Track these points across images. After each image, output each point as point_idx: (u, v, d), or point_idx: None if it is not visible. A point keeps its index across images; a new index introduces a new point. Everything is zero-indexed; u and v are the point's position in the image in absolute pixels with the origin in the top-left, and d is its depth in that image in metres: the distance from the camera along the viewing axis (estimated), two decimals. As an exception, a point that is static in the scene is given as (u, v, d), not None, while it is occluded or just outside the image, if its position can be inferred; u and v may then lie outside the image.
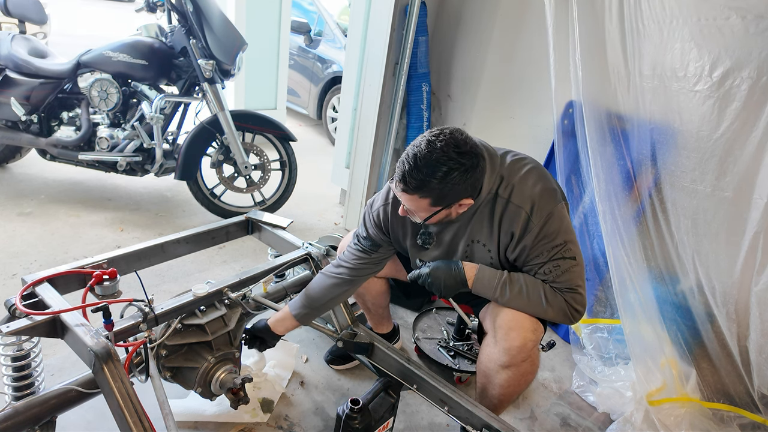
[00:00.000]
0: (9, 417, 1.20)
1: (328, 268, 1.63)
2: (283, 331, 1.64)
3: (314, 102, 5.29)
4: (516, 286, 1.37)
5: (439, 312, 2.36)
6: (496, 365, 1.45)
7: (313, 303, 1.60)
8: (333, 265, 1.63)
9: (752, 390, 1.75)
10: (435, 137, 1.24)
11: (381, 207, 1.55)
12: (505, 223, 1.36)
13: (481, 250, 1.45)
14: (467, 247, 1.47)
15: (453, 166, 1.22)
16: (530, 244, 1.34)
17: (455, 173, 1.23)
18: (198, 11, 2.61)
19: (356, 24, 3.06)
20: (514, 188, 1.35)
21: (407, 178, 1.25)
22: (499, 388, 1.49)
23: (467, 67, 2.85)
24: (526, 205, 1.33)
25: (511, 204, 1.34)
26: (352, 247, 1.62)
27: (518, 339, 1.38)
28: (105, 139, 2.84)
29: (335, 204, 3.64)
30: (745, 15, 1.54)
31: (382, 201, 1.55)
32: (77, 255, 2.50)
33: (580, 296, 1.36)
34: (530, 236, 1.33)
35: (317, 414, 1.78)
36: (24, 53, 2.85)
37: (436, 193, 1.26)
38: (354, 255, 1.60)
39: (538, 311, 1.38)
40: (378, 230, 1.57)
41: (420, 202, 1.29)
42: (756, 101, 1.56)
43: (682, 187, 1.80)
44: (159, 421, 1.22)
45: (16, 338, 1.26)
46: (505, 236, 1.38)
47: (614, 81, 1.92)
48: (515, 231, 1.35)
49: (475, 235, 1.44)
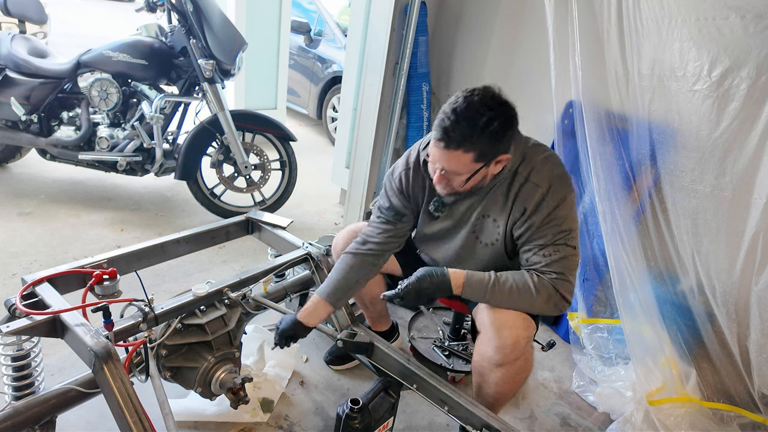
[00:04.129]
0: (9, 417, 1.20)
1: (353, 247, 1.62)
2: (317, 321, 1.60)
3: (314, 102, 5.29)
4: (506, 286, 1.39)
5: (435, 312, 2.37)
6: (490, 364, 1.45)
7: (345, 284, 1.59)
8: (357, 243, 1.62)
9: (752, 390, 1.75)
10: (470, 93, 1.26)
11: (402, 172, 1.58)
12: (520, 198, 1.39)
13: (490, 226, 1.47)
14: (477, 221, 1.49)
15: (493, 116, 1.23)
16: (538, 223, 1.37)
17: (496, 123, 1.24)
18: (198, 11, 2.61)
19: (356, 24, 3.06)
20: (534, 168, 1.38)
21: (450, 132, 1.24)
22: (494, 386, 1.50)
23: (467, 67, 2.85)
24: (543, 185, 1.36)
25: (529, 182, 1.38)
26: (375, 221, 1.64)
27: (510, 337, 1.39)
28: (105, 138, 2.84)
29: (335, 204, 3.64)
30: (744, 14, 1.55)
31: (403, 166, 1.58)
32: (77, 255, 2.51)
33: (569, 284, 1.38)
34: (540, 215, 1.36)
35: (317, 414, 1.78)
36: (24, 53, 2.85)
37: (479, 147, 1.26)
38: (378, 228, 1.61)
39: (529, 304, 1.39)
40: (400, 196, 1.59)
41: (463, 159, 1.28)
42: (755, 101, 1.57)
43: (681, 186, 1.80)
44: (159, 421, 1.22)
45: (16, 338, 1.26)
46: (516, 211, 1.40)
47: (614, 81, 1.92)
48: (528, 207, 1.37)
49: (488, 209, 1.46)
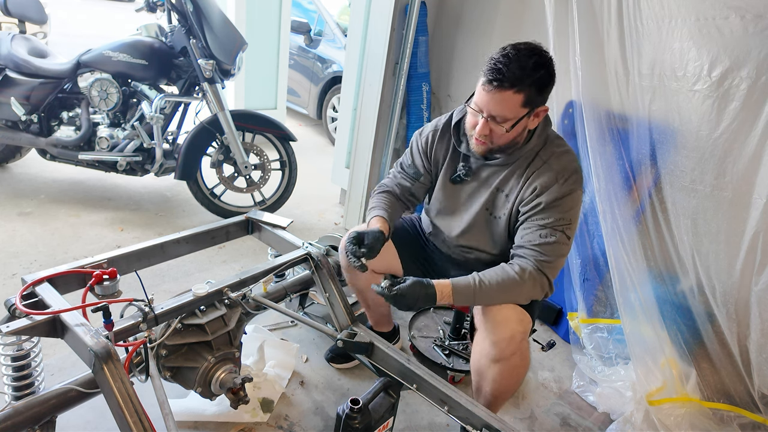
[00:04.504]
0: (9, 417, 1.20)
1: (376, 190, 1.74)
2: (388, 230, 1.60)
3: (314, 102, 5.29)
4: (491, 283, 1.42)
5: (436, 311, 2.37)
6: (487, 359, 1.48)
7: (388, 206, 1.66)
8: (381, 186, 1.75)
9: (752, 390, 1.75)
10: (517, 44, 1.32)
11: (430, 132, 1.65)
12: (534, 178, 1.46)
13: (502, 200, 1.54)
14: (492, 194, 1.55)
15: (541, 61, 1.31)
16: (544, 204, 1.42)
17: (543, 70, 1.31)
18: (198, 11, 2.61)
19: (356, 24, 3.06)
20: (553, 155, 1.46)
21: (504, 71, 1.29)
22: (492, 383, 1.51)
23: (467, 67, 2.85)
24: (558, 172, 1.43)
25: (546, 165, 1.45)
26: (395, 175, 1.75)
27: (506, 331, 1.42)
28: (105, 138, 2.84)
29: (335, 204, 3.64)
30: (744, 14, 1.55)
31: (432, 128, 1.66)
32: (77, 255, 2.51)
33: (554, 269, 1.44)
34: (549, 197, 1.42)
35: (317, 414, 1.78)
36: (24, 53, 2.85)
37: (528, 90, 1.31)
38: (396, 181, 1.73)
39: (517, 293, 1.43)
40: (423, 156, 1.67)
41: (513, 100, 1.32)
42: (755, 101, 1.57)
43: (681, 186, 1.80)
44: (159, 421, 1.22)
45: (16, 338, 1.26)
46: (528, 189, 1.46)
47: (614, 81, 1.92)
48: (538, 186, 1.44)
49: (504, 184, 1.52)
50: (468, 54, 2.82)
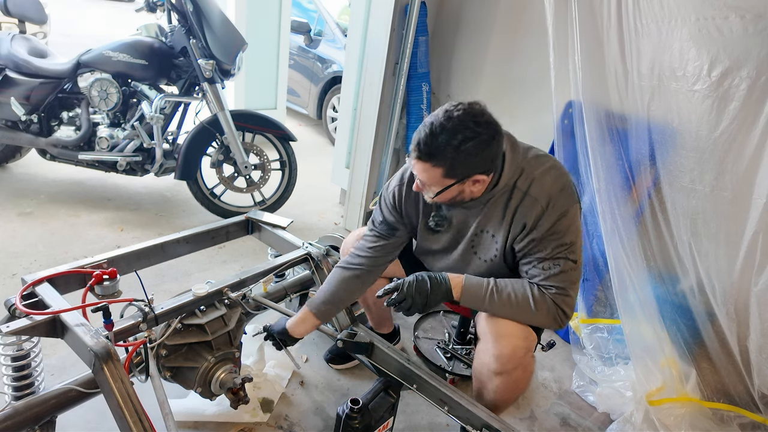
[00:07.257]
0: (9, 417, 1.20)
1: (345, 260, 1.62)
2: (303, 332, 1.63)
3: (314, 102, 5.29)
4: (504, 293, 1.37)
5: (446, 315, 2.36)
6: (489, 371, 1.44)
7: (333, 297, 1.59)
8: (350, 257, 1.62)
9: (752, 390, 1.75)
10: (453, 107, 1.24)
11: (396, 187, 1.56)
12: (519, 213, 1.36)
13: (488, 241, 1.45)
14: (475, 235, 1.46)
15: (468, 135, 1.21)
16: (539, 238, 1.34)
17: (470, 143, 1.21)
18: (198, 11, 2.61)
19: (356, 24, 3.06)
20: (534, 182, 1.35)
21: (421, 144, 1.25)
22: (493, 394, 1.49)
23: (467, 67, 2.85)
24: (542, 200, 1.33)
25: (528, 196, 1.34)
26: (368, 234, 1.63)
27: (508, 346, 1.37)
28: (105, 138, 2.84)
29: (335, 204, 3.64)
30: (743, 14, 1.54)
31: (397, 181, 1.57)
32: (77, 255, 2.51)
33: (570, 299, 1.36)
34: (541, 230, 1.33)
35: (317, 414, 1.78)
36: (24, 53, 2.85)
37: (449, 163, 1.24)
38: (371, 242, 1.60)
39: (527, 317, 1.37)
40: (393, 211, 1.57)
41: (433, 172, 1.27)
42: (755, 100, 1.56)
43: (681, 186, 1.80)
44: (159, 421, 1.22)
45: (16, 338, 1.26)
46: (516, 226, 1.37)
47: (613, 81, 1.92)
48: (528, 222, 1.34)
49: (486, 223, 1.43)
50: (468, 54, 2.82)
